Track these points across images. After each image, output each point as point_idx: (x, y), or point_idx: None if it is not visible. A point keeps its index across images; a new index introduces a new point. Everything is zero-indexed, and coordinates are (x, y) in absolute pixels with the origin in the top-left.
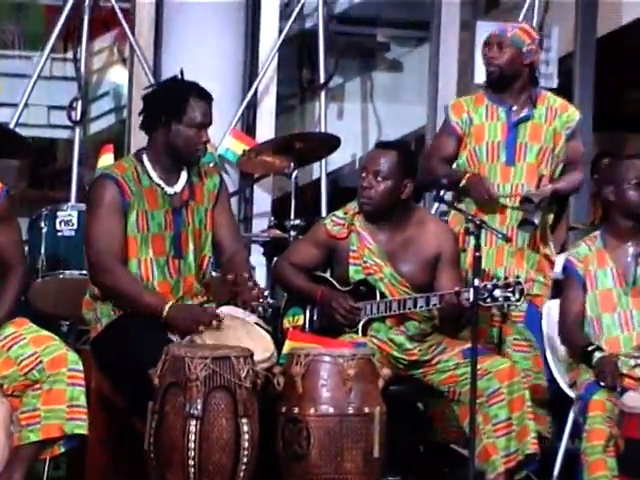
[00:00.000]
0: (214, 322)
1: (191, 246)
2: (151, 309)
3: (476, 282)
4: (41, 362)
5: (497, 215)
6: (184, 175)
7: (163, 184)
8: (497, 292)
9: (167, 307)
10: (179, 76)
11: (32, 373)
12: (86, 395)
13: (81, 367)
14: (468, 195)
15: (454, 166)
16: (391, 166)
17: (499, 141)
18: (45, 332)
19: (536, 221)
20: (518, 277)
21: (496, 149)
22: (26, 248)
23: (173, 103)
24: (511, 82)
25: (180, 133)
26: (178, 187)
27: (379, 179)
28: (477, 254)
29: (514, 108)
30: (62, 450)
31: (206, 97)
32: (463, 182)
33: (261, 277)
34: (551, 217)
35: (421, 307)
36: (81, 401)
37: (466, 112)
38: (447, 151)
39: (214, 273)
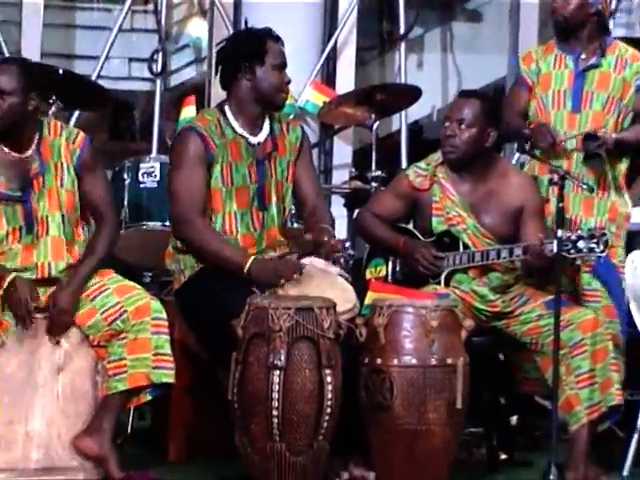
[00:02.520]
0: (296, 275)
1: (274, 198)
2: (232, 264)
3: (560, 233)
4: (125, 312)
5: (564, 161)
6: (267, 126)
7: (247, 134)
8: (581, 243)
9: (249, 262)
10: (245, 25)
11: (116, 323)
12: (170, 345)
13: (165, 316)
14: (535, 146)
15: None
16: (475, 114)
17: (565, 89)
18: (129, 282)
19: (602, 153)
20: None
21: (562, 97)
22: None
23: (253, 49)
24: (577, 31)
25: (265, 77)
26: (261, 137)
27: (463, 127)
28: (560, 205)
29: (582, 56)
30: (149, 398)
31: (279, 39)
32: (527, 131)
33: (342, 229)
34: (623, 167)
35: (504, 258)
36: (166, 349)
37: (535, 62)
38: (520, 103)
39: (296, 225)
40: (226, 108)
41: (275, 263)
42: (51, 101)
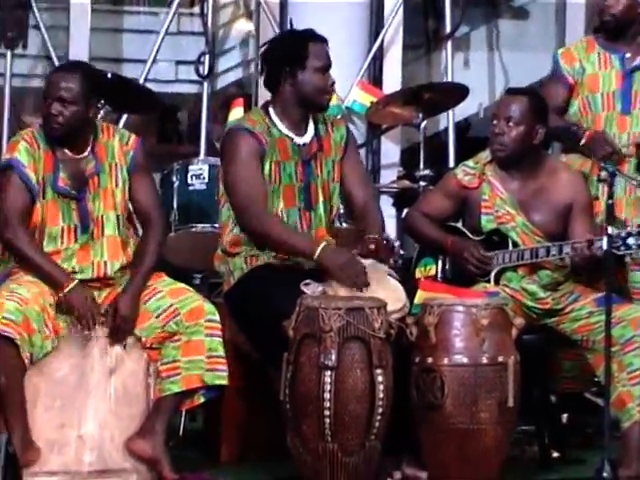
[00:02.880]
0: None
1: (321, 198)
2: (302, 250)
3: (609, 230)
4: (179, 314)
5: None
6: (311, 127)
7: (292, 135)
8: (631, 240)
9: (319, 249)
10: (289, 26)
11: (170, 325)
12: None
13: (218, 318)
14: (589, 154)
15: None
16: (523, 111)
17: (614, 90)
18: (181, 284)
19: None
20: None
21: (612, 98)
22: None
23: (293, 53)
24: (625, 29)
25: (307, 81)
26: (306, 138)
27: (511, 125)
28: (610, 202)
29: (627, 55)
30: (202, 400)
31: (322, 40)
32: (583, 141)
33: (391, 228)
34: None
35: (553, 256)
36: (220, 351)
37: (578, 60)
38: (557, 101)
39: (344, 224)
40: (270, 109)
41: (348, 257)
42: (100, 105)
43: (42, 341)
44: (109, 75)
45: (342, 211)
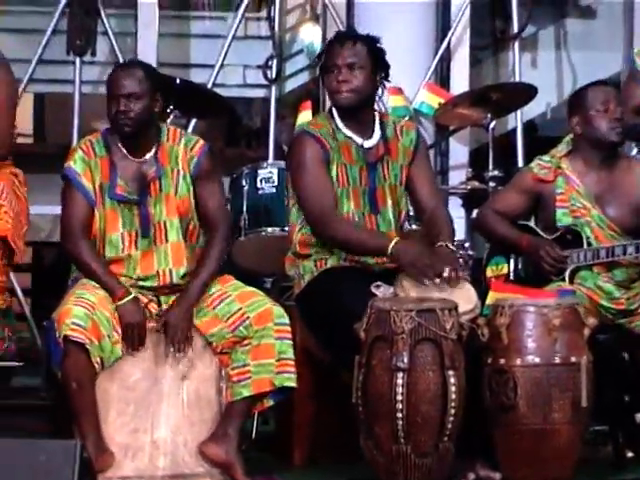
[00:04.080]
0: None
1: (389, 202)
2: (376, 247)
3: None
4: (248, 318)
5: None
6: (378, 130)
7: (357, 138)
8: None
9: (392, 244)
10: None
11: (239, 329)
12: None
13: (287, 321)
14: None
15: None
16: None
17: None
18: (250, 288)
19: None
20: None
21: None
22: (228, 207)
23: (320, 57)
24: None
25: (324, 83)
26: (372, 141)
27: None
28: None
29: None
30: (271, 403)
31: (338, 38)
32: None
33: (460, 229)
34: None
35: (630, 255)
36: (289, 354)
37: None
38: (637, 100)
39: (414, 226)
40: (334, 113)
41: (423, 250)
42: (169, 110)
43: (112, 346)
44: (178, 80)
45: (412, 213)
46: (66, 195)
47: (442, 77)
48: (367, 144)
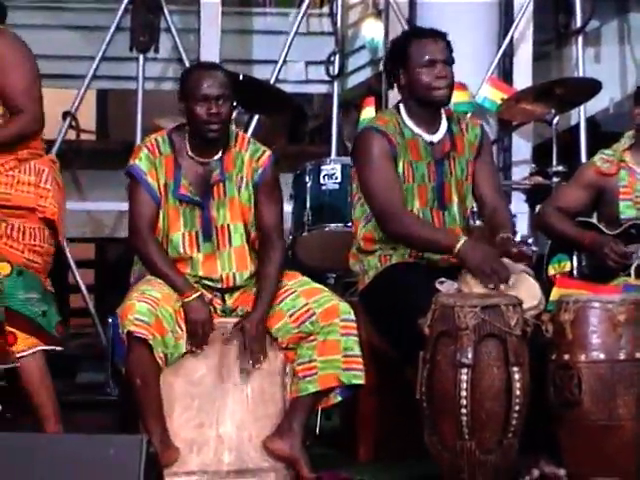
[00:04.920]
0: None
1: (455, 197)
2: (443, 246)
3: None
4: (314, 314)
5: None
6: (444, 126)
7: (423, 133)
8: None
9: (459, 244)
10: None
11: (305, 325)
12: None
13: (353, 317)
14: None
15: None
16: None
17: None
18: (316, 284)
19: None
20: None
21: None
22: (291, 203)
23: (395, 54)
24: None
25: (412, 79)
26: (438, 137)
27: None
28: None
29: None
30: (338, 399)
31: (428, 35)
32: None
33: (523, 225)
34: None
35: None
36: (356, 351)
37: None
38: None
39: (477, 222)
40: (401, 108)
41: (490, 253)
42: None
43: (175, 341)
44: (241, 77)
45: (475, 209)
46: (132, 193)
47: (505, 72)
48: (433, 139)
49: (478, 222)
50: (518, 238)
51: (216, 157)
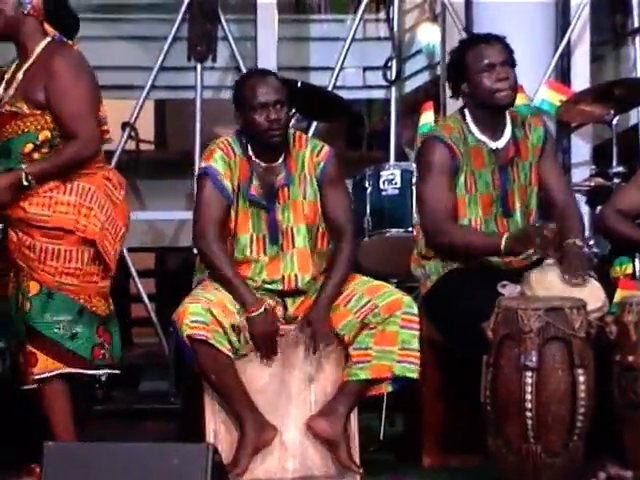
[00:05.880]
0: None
1: (518, 204)
2: (491, 249)
3: None
4: (376, 307)
5: None
6: (508, 131)
7: (487, 140)
8: None
9: (503, 241)
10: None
11: (367, 318)
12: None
13: (416, 311)
14: None
15: None
16: None
17: None
18: (378, 281)
19: None
20: None
21: None
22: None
23: (456, 64)
24: None
25: (474, 85)
26: (502, 142)
27: None
28: None
29: None
30: (389, 390)
31: (482, 39)
32: None
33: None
34: None
35: None
36: (413, 345)
37: None
38: None
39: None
40: (466, 113)
41: (526, 227)
42: (291, 113)
43: (236, 337)
44: (299, 84)
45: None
46: (202, 194)
47: (563, 74)
48: (497, 145)
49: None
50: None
51: (279, 161)
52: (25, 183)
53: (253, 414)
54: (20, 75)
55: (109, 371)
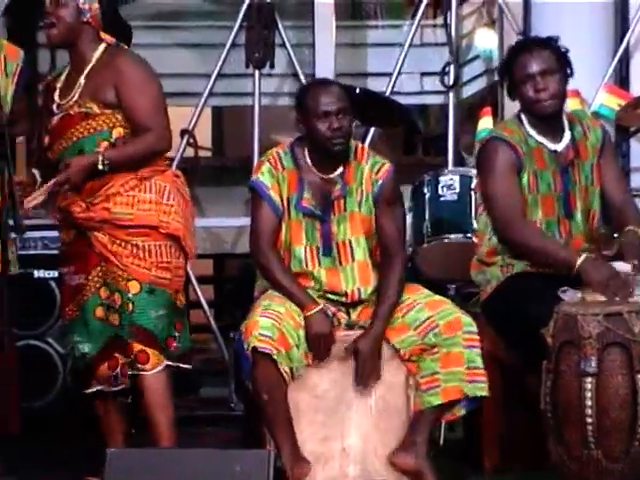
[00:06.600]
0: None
1: (579, 205)
2: (562, 261)
3: None
4: (437, 326)
5: None
6: (567, 134)
7: (547, 142)
8: None
9: (579, 261)
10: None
11: (428, 337)
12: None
13: (476, 329)
14: None
15: None
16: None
17: None
18: (438, 296)
19: None
20: None
21: None
22: (410, 215)
23: (505, 70)
24: None
25: (521, 93)
26: (562, 145)
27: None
28: None
29: None
30: (462, 412)
31: (527, 47)
32: None
33: None
34: None
35: None
36: (478, 363)
37: None
38: None
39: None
40: (523, 118)
41: (611, 272)
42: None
43: (300, 355)
44: (357, 90)
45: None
46: (255, 207)
47: (621, 78)
48: (557, 147)
49: (602, 230)
50: None
51: (338, 172)
52: (100, 167)
53: (291, 447)
54: (82, 79)
55: (183, 365)
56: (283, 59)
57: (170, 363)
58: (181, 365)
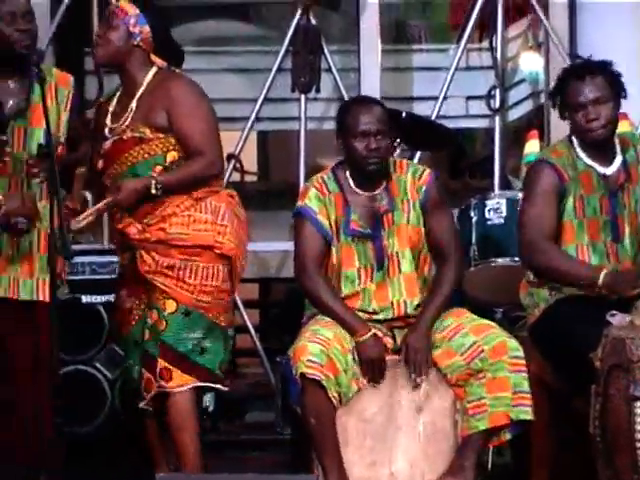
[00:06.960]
0: None
1: (627, 229)
2: (585, 279)
3: None
4: (483, 351)
5: None
6: (619, 157)
7: (597, 166)
8: None
9: (602, 275)
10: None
11: (475, 362)
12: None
13: (522, 354)
14: None
15: None
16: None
17: None
18: (484, 321)
19: None
20: None
21: None
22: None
23: (556, 94)
24: None
25: (572, 120)
26: (613, 169)
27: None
28: None
29: None
30: (508, 437)
31: (577, 74)
32: None
33: None
34: None
35: None
36: (525, 387)
37: None
38: None
39: None
40: (573, 139)
41: (629, 274)
42: (395, 144)
43: (349, 381)
44: (404, 114)
45: None
46: (301, 232)
47: None
48: (607, 171)
49: None
50: None
51: (382, 187)
52: (153, 191)
53: (338, 472)
54: (134, 103)
55: (220, 386)
56: (329, 83)
57: (201, 384)
58: (219, 386)
